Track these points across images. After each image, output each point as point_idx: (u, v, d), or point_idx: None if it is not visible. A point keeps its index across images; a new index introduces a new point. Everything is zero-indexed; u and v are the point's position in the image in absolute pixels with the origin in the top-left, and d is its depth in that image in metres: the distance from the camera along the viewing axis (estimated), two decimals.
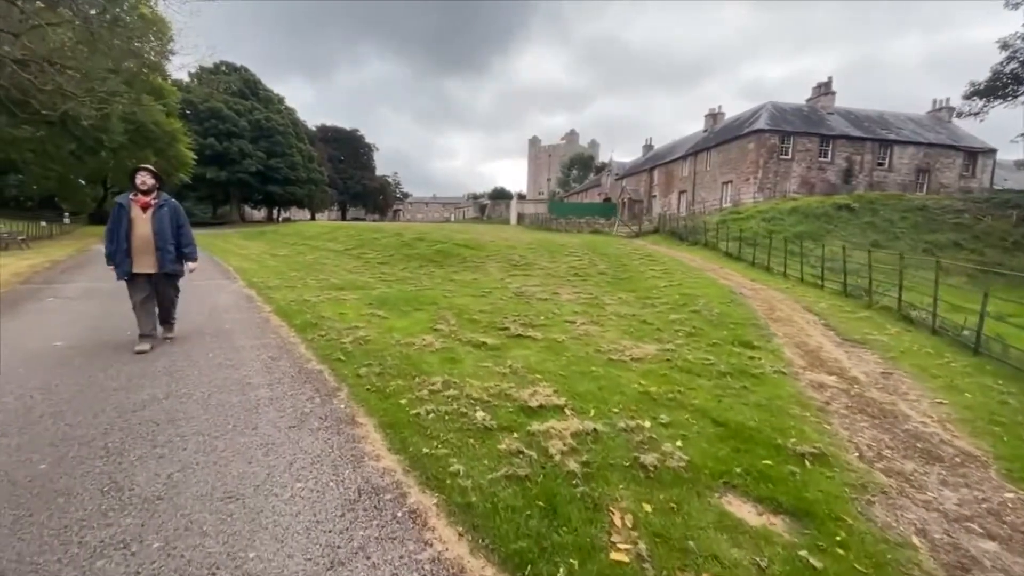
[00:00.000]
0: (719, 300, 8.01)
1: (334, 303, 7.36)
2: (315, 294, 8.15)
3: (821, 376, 4.51)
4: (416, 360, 4.51)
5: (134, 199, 4.63)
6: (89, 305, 6.77)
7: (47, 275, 9.71)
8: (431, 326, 6.00)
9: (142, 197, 4.65)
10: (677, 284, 9.73)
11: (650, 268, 12.10)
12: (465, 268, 12.96)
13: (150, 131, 24.52)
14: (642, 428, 3.16)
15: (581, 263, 13.08)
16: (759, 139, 26.47)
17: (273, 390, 3.70)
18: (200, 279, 10.02)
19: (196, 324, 5.75)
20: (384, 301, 7.61)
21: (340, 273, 11.93)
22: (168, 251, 4.69)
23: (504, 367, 4.41)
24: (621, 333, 5.99)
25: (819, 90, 30.07)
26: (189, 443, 2.80)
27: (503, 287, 9.71)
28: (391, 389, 3.74)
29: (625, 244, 17.96)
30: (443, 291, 8.96)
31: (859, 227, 18.53)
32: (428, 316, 6.63)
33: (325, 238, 21.71)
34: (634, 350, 5.13)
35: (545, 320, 6.57)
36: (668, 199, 35.81)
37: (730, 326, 6.33)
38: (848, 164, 27.38)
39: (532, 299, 8.24)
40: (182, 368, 4.09)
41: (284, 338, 5.28)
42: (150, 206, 4.67)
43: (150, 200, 4.68)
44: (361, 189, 71.06)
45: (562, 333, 5.85)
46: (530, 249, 15.73)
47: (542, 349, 5.13)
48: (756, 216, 19.62)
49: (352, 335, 5.34)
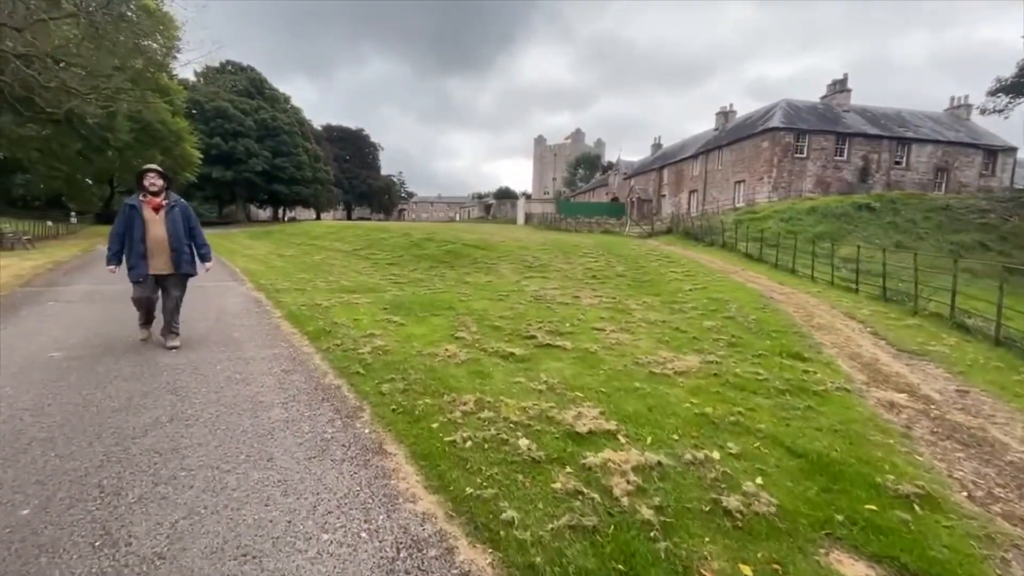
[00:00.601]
0: (752, 305, 7.58)
1: (347, 307, 7.00)
2: (326, 297, 7.80)
3: (890, 394, 4.08)
4: (442, 374, 4.13)
5: (144, 200, 4.50)
6: (90, 310, 6.44)
7: (49, 277, 9.42)
8: (451, 333, 5.62)
9: (152, 198, 4.53)
10: (702, 287, 9.30)
11: (670, 270, 11.66)
12: (478, 269, 12.58)
13: (156, 130, 24.30)
14: (711, 460, 2.76)
15: (598, 264, 12.66)
16: (773, 137, 25.91)
17: (288, 410, 3.32)
18: (208, 281, 9.70)
19: (203, 331, 5.40)
20: (399, 305, 7.25)
21: (349, 274, 11.59)
22: (184, 252, 4.63)
23: (538, 382, 4.02)
24: (656, 342, 5.58)
25: (834, 87, 29.46)
26: (196, 479, 2.42)
27: (520, 290, 9.33)
28: (420, 410, 3.35)
29: (639, 245, 17.52)
30: (458, 294, 8.59)
31: (881, 227, 18.00)
32: (447, 322, 6.25)
33: (332, 238, 21.40)
34: (675, 362, 4.72)
35: (571, 327, 6.17)
36: (678, 198, 35.28)
37: (772, 335, 5.91)
38: (865, 163, 26.76)
39: (553, 303, 7.84)
40: (188, 384, 3.72)
41: (297, 347, 4.91)
42: (161, 207, 4.56)
43: (160, 201, 4.57)
44: (366, 189, 70.91)
45: (593, 342, 5.45)
46: (543, 250, 15.33)
47: (575, 361, 4.74)
48: (773, 216, 19.12)
49: (369, 344, 4.96)
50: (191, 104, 39.70)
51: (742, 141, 28.22)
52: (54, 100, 14.00)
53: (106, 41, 14.81)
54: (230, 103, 43.90)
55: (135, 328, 5.17)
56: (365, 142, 73.01)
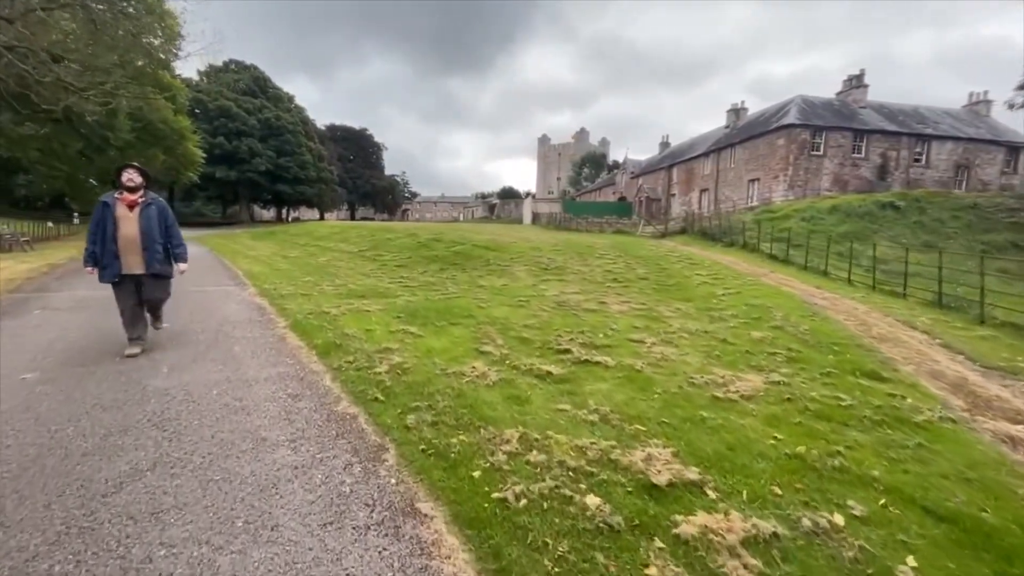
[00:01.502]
0: (797, 313, 6.96)
1: (357, 316, 6.43)
2: (334, 303, 7.23)
3: (1003, 425, 3.47)
4: (473, 400, 3.55)
5: (119, 197, 4.38)
6: (77, 319, 5.89)
7: (41, 281, 8.90)
8: (475, 347, 5.04)
9: (128, 195, 4.40)
10: (735, 292, 8.68)
11: (695, 272, 11.04)
12: (490, 272, 11.99)
13: (158, 129, 23.86)
14: (837, 529, 2.16)
15: (616, 267, 12.05)
16: (789, 134, 25.20)
17: (297, 451, 2.75)
18: (208, 284, 9.18)
19: (200, 344, 4.84)
20: (413, 313, 6.67)
21: (356, 277, 11.04)
22: (156, 251, 4.46)
23: (587, 410, 3.44)
24: (705, 357, 4.98)
25: (850, 83, 28.69)
26: (179, 561, 1.85)
27: (539, 295, 8.73)
28: (455, 451, 2.77)
29: (655, 245, 16.88)
30: (474, 299, 8.01)
31: (907, 227, 17.30)
32: (468, 333, 5.67)
33: (337, 238, 20.88)
34: (736, 383, 4.12)
35: (606, 339, 5.58)
36: (688, 197, 34.59)
37: (832, 348, 5.29)
38: (883, 160, 26.01)
39: (579, 310, 7.24)
40: (177, 416, 3.15)
41: (304, 365, 4.34)
42: (136, 204, 4.41)
43: (136, 198, 4.42)
44: (370, 188, 70.53)
45: (635, 357, 4.85)
46: (557, 251, 14.73)
47: (622, 381, 4.15)
48: (793, 215, 18.44)
49: (386, 361, 4.39)
50: (194, 103, 39.33)
51: (756, 139, 27.52)
52: (53, 98, 13.53)
53: (105, 36, 14.34)
54: (234, 102, 43.52)
55: (121, 342, 4.63)
56: (369, 142, 72.64)
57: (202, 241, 23.91)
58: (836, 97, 28.87)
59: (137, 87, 16.94)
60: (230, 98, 43.66)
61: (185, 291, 8.16)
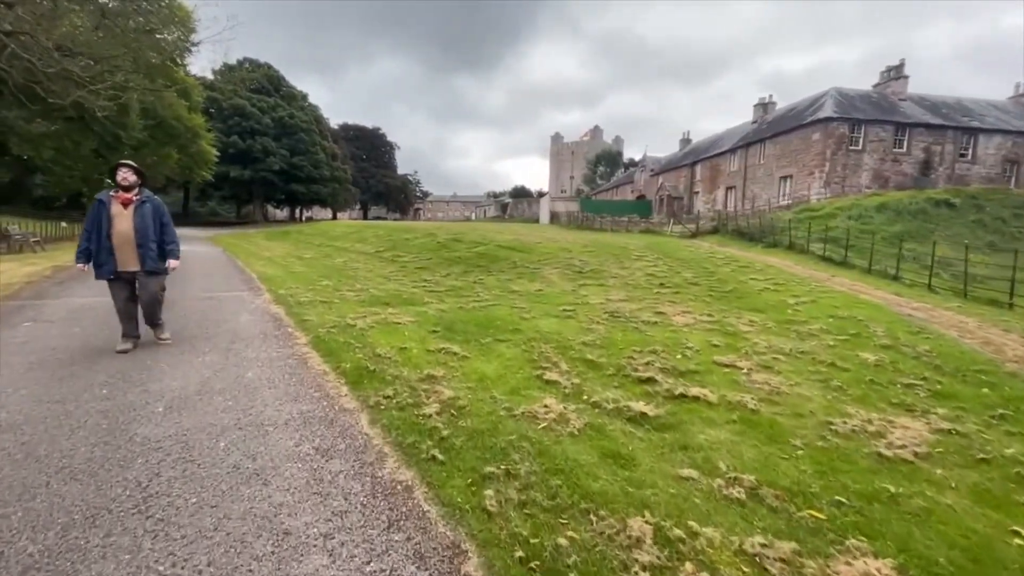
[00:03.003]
0: (901, 328, 5.93)
1: (386, 329, 5.58)
2: (357, 313, 6.40)
3: None
4: (562, 460, 2.65)
5: (115, 195, 4.41)
6: (69, 334, 5.12)
7: (41, 287, 8.22)
8: (536, 373, 4.14)
9: (123, 194, 4.42)
10: (809, 301, 7.64)
11: (750, 277, 9.99)
12: (520, 275, 11.08)
13: (172, 127, 23.41)
14: None
15: (659, 270, 11.05)
16: (826, 128, 23.84)
17: (336, 557, 1.87)
18: (220, 289, 8.42)
19: (206, 368, 4.01)
20: (450, 326, 5.80)
21: (377, 280, 10.24)
22: (150, 248, 4.47)
23: (721, 478, 2.51)
24: (824, 389, 4.01)
25: (888, 74, 27.17)
26: None
27: (583, 302, 7.80)
28: (570, 561, 1.86)
29: (692, 246, 15.81)
30: (513, 308, 7.11)
31: (966, 226, 15.97)
32: (521, 353, 4.77)
33: (352, 239, 20.22)
34: (893, 431, 3.16)
35: (687, 361, 4.63)
36: (713, 195, 33.28)
37: (979, 377, 4.28)
38: (926, 155, 24.50)
39: (637, 323, 6.30)
40: (169, 486, 2.30)
41: (333, 400, 3.48)
42: (131, 202, 4.43)
43: (131, 196, 4.45)
44: (383, 188, 70.13)
45: (737, 389, 3.91)
46: (587, 252, 13.77)
47: (740, 426, 3.21)
48: (838, 214, 17.21)
49: (433, 394, 3.51)
50: (209, 102, 39.08)
51: (788, 133, 26.17)
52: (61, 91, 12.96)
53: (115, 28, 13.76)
54: (248, 101, 43.26)
55: (115, 370, 3.83)
56: (381, 141, 72.25)
57: (216, 241, 23.45)
58: (873, 89, 27.36)
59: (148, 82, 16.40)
60: (244, 97, 43.38)
61: (194, 297, 7.41)
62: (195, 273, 10.72)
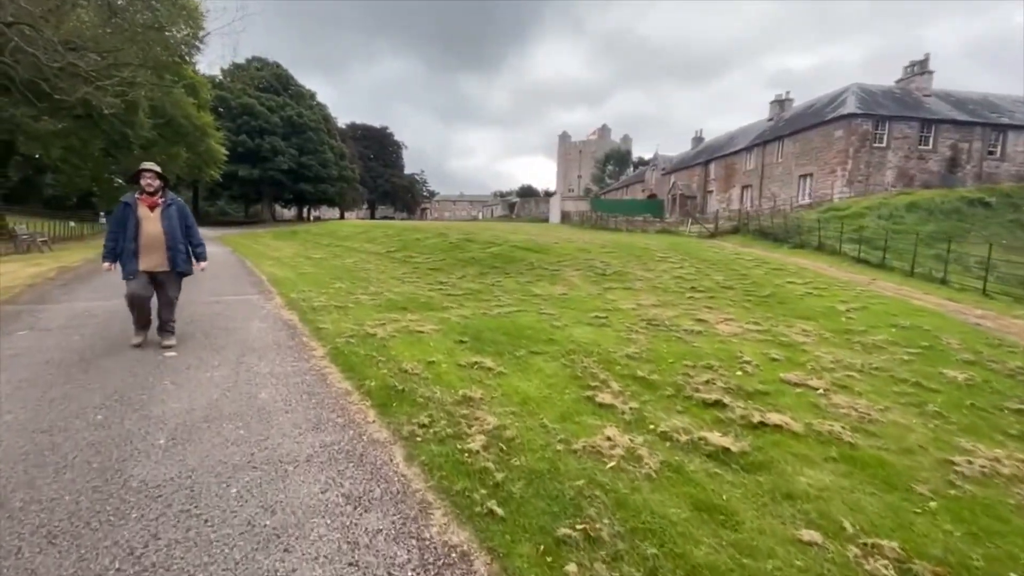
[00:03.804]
0: (980, 341, 5.36)
1: (409, 339, 5.11)
2: (375, 319, 5.94)
3: None
4: (646, 514, 2.15)
5: (140, 198, 4.47)
6: (66, 344, 4.71)
7: (44, 290, 7.85)
8: (586, 395, 3.65)
9: (148, 197, 4.48)
10: (860, 308, 7.07)
11: (786, 280, 9.42)
12: (539, 277, 10.59)
13: (180, 125, 23.16)
14: None
15: (687, 272, 10.50)
16: (848, 125, 23.07)
17: None
18: (228, 293, 8.01)
19: (215, 389, 3.57)
20: (477, 335, 5.32)
21: (390, 283, 9.79)
22: (180, 250, 4.56)
23: (852, 543, 2.01)
24: (920, 416, 3.47)
25: (912, 69, 26.30)
26: None
27: (614, 308, 7.29)
28: None
29: (714, 247, 15.22)
30: (541, 314, 6.62)
31: (1003, 226, 15.24)
32: (561, 369, 4.28)
33: (362, 238, 19.85)
34: None
35: (750, 378, 4.12)
36: (728, 195, 32.54)
37: None
38: (953, 153, 23.65)
39: (679, 331, 5.78)
40: (168, 553, 1.83)
41: (360, 428, 3.02)
42: (157, 205, 4.50)
43: (157, 200, 4.51)
44: (390, 187, 69.91)
45: (819, 415, 3.39)
46: (607, 252, 13.24)
47: (844, 466, 2.70)
48: (866, 213, 16.54)
49: (475, 422, 3.04)
50: (218, 101, 38.97)
51: (808, 130, 25.41)
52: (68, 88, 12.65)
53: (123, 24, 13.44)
54: (256, 100, 43.11)
55: (113, 388, 3.40)
56: (389, 140, 72.02)
57: (224, 241, 23.19)
58: (896, 85, 26.51)
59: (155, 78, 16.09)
60: (253, 96, 43.23)
61: (202, 302, 6.99)
62: (203, 275, 10.24)
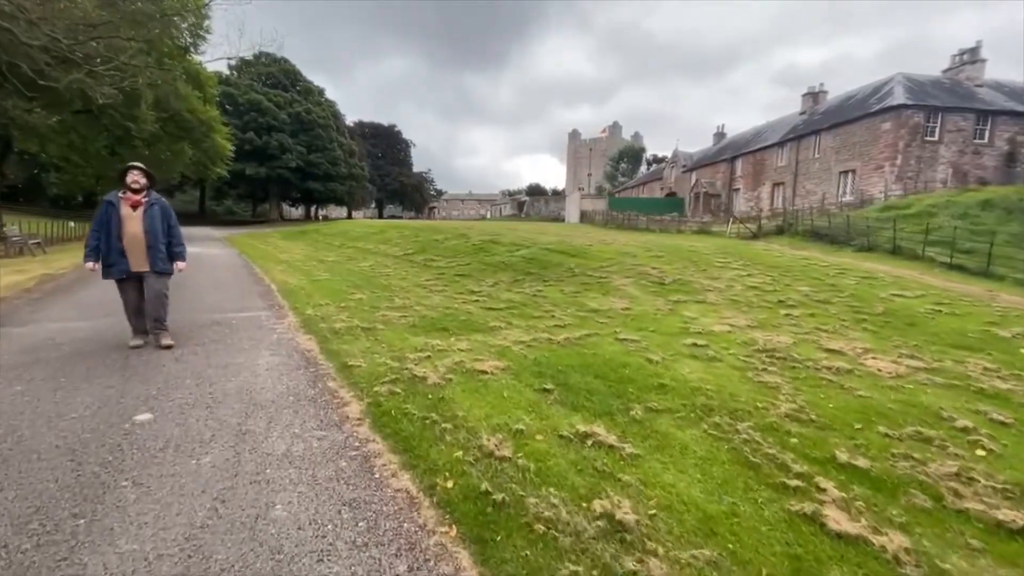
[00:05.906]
0: None
1: (470, 384, 3.76)
2: (413, 348, 4.62)
3: None
4: None
5: (123, 197, 4.42)
6: (11, 401, 3.39)
7: (13, 305, 6.57)
8: (791, 505, 2.28)
9: (132, 195, 4.43)
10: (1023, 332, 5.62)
11: (892, 294, 7.94)
12: (586, 286, 9.18)
13: (185, 120, 22.01)
14: None
15: (760, 282, 9.06)
16: (898, 117, 21.41)
17: None
18: (234, 308, 6.69)
19: (205, 500, 2.23)
20: (561, 380, 3.95)
21: (417, 292, 8.47)
22: (159, 250, 4.50)
23: None
24: None
25: (961, 58, 24.55)
26: None
27: (706, 330, 5.87)
28: None
29: (769, 250, 13.74)
30: (618, 340, 5.23)
31: None
32: (713, 444, 2.90)
33: (375, 239, 18.58)
34: None
35: (1003, 464, 2.71)
36: (757, 192, 30.91)
37: None
38: (1011, 147, 21.91)
39: (819, 368, 4.37)
40: None
41: None
42: (140, 204, 4.44)
43: (140, 199, 4.45)
44: (398, 186, 68.75)
45: None
46: (655, 257, 11.83)
47: None
48: (935, 212, 14.95)
49: None
50: (225, 98, 37.93)
51: (850, 124, 23.75)
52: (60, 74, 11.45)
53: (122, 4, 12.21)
54: (264, 96, 42.04)
55: (59, 518, 2.07)
56: (397, 139, 70.87)
57: (231, 241, 22.02)
58: (944, 74, 24.77)
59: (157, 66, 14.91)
60: (260, 92, 42.19)
61: (200, 322, 5.65)
62: (205, 283, 9.07)
